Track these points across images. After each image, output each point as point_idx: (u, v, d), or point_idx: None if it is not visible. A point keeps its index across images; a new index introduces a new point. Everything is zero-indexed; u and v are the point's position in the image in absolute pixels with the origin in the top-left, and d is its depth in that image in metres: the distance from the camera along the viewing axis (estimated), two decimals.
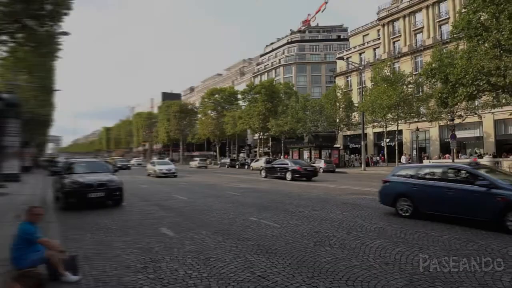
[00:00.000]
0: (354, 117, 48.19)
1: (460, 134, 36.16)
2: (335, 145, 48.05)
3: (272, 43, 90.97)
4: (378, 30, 53.02)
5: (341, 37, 79.16)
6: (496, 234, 7.11)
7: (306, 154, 42.97)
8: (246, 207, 11.45)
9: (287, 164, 25.08)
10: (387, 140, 40.57)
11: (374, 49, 53.38)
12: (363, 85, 42.97)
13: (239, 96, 62.55)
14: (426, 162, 32.31)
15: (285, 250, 6.20)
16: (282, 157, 51.68)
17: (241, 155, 71.46)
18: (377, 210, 10.26)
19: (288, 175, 23.69)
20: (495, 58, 22.31)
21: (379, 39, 52.37)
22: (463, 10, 25.15)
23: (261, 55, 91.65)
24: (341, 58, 51.29)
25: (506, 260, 5.44)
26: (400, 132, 41.96)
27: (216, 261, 5.60)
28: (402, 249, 6.14)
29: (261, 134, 57.31)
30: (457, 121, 30.06)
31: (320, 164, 34.78)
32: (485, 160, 27.23)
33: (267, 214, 9.91)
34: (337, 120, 48.46)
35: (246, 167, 46.20)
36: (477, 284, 4.55)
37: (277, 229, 7.96)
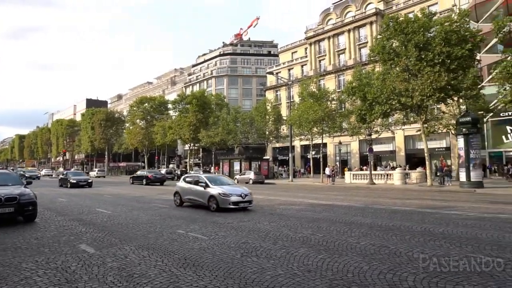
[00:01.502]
0: (283, 130, 50.07)
1: (376, 148, 39.61)
2: (264, 157, 49.30)
3: (204, 54, 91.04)
4: (306, 49, 56.15)
5: (272, 52, 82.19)
6: (403, 239, 7.88)
7: (236, 166, 43.36)
8: (174, 219, 11.19)
9: (144, 173, 34.92)
10: (313, 152, 42.77)
11: (302, 66, 56.34)
12: (291, 100, 44.99)
13: (170, 105, 61.55)
14: (347, 173, 34.70)
15: (212, 262, 6.20)
16: (212, 168, 51.70)
17: (171, 166, 69.72)
18: (302, 220, 10.74)
19: (144, 181, 32.30)
20: (404, 81, 25.01)
21: (306, 56, 55.44)
22: (379, 37, 27.89)
23: (193, 65, 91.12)
24: (271, 73, 53.17)
25: (413, 261, 6.06)
26: (325, 145, 44.57)
27: (140, 277, 5.38)
28: (324, 256, 6.50)
29: (192, 145, 56.61)
30: (374, 136, 32.88)
31: (250, 175, 35.37)
32: (397, 172, 30.07)
33: (195, 226, 9.80)
34: (267, 133, 49.93)
35: (176, 178, 45.43)
36: (387, 285, 5.00)
37: (205, 241, 7.92)
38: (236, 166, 43.36)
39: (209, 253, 6.86)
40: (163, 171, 48.03)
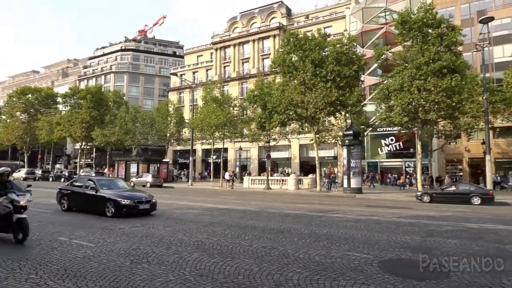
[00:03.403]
0: (185, 133, 49.32)
1: (274, 154, 41.71)
2: (164, 160, 47.78)
3: (103, 47, 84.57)
4: (212, 53, 56.48)
5: (177, 53, 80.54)
6: (292, 241, 8.44)
7: (133, 168, 41.14)
8: (57, 225, 10.08)
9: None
10: (214, 157, 43.06)
11: (207, 70, 56.45)
12: (195, 103, 44.69)
13: (60, 99, 55.68)
14: (246, 178, 35.74)
15: (97, 271, 5.75)
16: (106, 170, 48.25)
17: (58, 166, 62.72)
18: (199, 224, 10.68)
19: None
20: (301, 93, 26.99)
21: (212, 61, 55.75)
22: (280, 50, 29.63)
23: (90, 58, 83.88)
24: (175, 74, 52.03)
25: (299, 261, 6.53)
26: (226, 150, 45.26)
27: None
28: (217, 260, 6.58)
29: (84, 144, 51.91)
30: (272, 143, 34.60)
31: (148, 178, 33.94)
32: (291, 178, 32.10)
33: (81, 233, 8.98)
34: (168, 135, 48.61)
35: (62, 179, 41.02)
36: (274, 285, 5.29)
37: (91, 249, 7.31)
38: (133, 168, 41.13)
39: (95, 261, 6.35)
40: (23, 171, 43.64)
